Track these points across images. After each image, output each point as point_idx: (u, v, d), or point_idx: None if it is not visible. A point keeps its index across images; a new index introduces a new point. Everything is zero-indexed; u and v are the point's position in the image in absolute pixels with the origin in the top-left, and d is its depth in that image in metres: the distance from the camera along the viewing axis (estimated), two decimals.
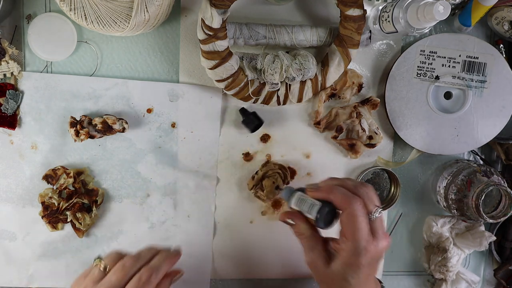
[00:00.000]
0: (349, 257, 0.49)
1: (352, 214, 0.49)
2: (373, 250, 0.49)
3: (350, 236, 0.49)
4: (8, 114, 0.60)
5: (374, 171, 0.67)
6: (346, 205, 0.50)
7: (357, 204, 0.50)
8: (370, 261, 0.50)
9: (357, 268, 0.49)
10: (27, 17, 0.59)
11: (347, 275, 0.50)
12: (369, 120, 0.64)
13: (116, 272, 0.49)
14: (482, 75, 0.64)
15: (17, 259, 0.63)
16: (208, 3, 0.52)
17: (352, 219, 0.49)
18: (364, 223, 0.49)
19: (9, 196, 0.62)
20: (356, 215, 0.49)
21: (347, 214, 0.50)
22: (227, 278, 0.67)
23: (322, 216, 0.51)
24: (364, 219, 0.50)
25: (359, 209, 0.50)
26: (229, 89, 0.59)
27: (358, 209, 0.49)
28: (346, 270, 0.50)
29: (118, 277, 0.48)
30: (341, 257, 0.50)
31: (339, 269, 0.50)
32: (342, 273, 0.50)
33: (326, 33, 0.60)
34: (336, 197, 0.51)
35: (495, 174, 0.62)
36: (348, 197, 0.50)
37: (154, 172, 0.63)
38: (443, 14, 0.50)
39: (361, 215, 0.49)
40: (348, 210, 0.50)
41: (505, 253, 0.70)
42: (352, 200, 0.50)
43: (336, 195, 0.51)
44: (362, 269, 0.49)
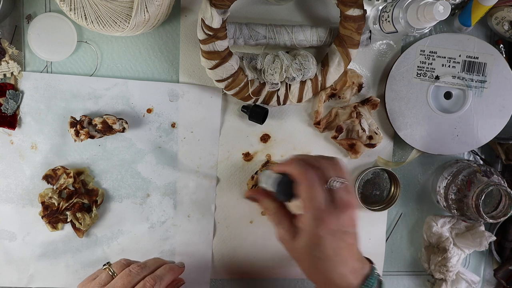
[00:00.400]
0: (309, 229, 0.48)
1: (307, 184, 0.48)
2: (331, 221, 0.48)
3: (305, 207, 0.48)
4: (8, 114, 0.60)
5: (374, 171, 0.67)
6: (301, 176, 0.49)
7: (311, 174, 0.49)
8: (332, 232, 0.48)
9: (318, 240, 0.48)
10: (27, 17, 0.59)
11: (312, 248, 0.48)
12: (369, 120, 0.64)
13: (123, 277, 0.50)
14: (482, 75, 0.64)
15: (17, 259, 0.63)
16: (208, 3, 0.52)
17: (306, 189, 0.48)
18: (318, 192, 0.48)
19: (9, 196, 0.62)
20: (309, 185, 0.48)
21: (301, 185, 0.49)
22: (227, 278, 0.67)
23: (280, 188, 0.51)
24: (318, 189, 0.48)
25: (312, 179, 0.48)
26: (229, 89, 0.59)
27: (311, 179, 0.48)
28: (309, 244, 0.48)
29: (124, 282, 0.50)
30: (303, 230, 0.49)
31: (304, 243, 0.49)
32: (307, 248, 0.49)
33: (326, 33, 0.60)
34: (292, 168, 0.50)
35: (495, 174, 0.62)
36: (303, 168, 0.49)
37: (154, 172, 0.63)
38: (443, 14, 0.50)
39: (315, 185, 0.48)
40: (301, 180, 0.49)
41: (505, 253, 0.70)
42: (307, 171, 0.49)
43: (293, 167, 0.50)
44: (325, 240, 0.48)
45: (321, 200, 0.48)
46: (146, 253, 0.64)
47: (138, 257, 0.64)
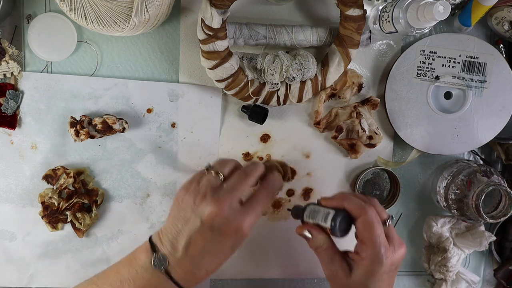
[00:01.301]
0: (370, 265, 0.49)
1: (368, 220, 0.49)
2: (392, 257, 0.50)
3: (369, 243, 0.49)
4: (8, 114, 0.60)
5: (374, 171, 0.67)
6: (361, 212, 0.50)
7: (372, 210, 0.50)
8: (390, 268, 0.50)
9: (379, 276, 0.49)
10: (27, 17, 0.59)
11: (369, 284, 0.50)
12: (369, 120, 0.64)
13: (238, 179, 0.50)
14: (482, 75, 0.64)
15: (17, 259, 0.63)
16: (208, 3, 0.52)
17: (369, 225, 0.49)
18: (380, 229, 0.50)
19: (9, 196, 0.62)
20: (372, 222, 0.49)
21: (363, 221, 0.50)
22: (227, 278, 0.67)
23: (337, 222, 0.50)
24: (380, 226, 0.50)
25: (374, 216, 0.50)
26: (229, 89, 0.59)
27: (373, 216, 0.50)
28: (368, 279, 0.50)
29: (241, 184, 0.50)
30: (362, 266, 0.50)
31: (360, 279, 0.50)
32: (363, 283, 0.50)
33: (326, 33, 0.60)
34: (350, 204, 0.51)
35: (495, 174, 0.62)
36: (362, 204, 0.51)
37: (154, 172, 0.63)
38: (443, 14, 0.50)
39: (377, 221, 0.50)
40: (363, 217, 0.50)
41: (505, 253, 0.70)
42: (366, 207, 0.50)
43: (351, 202, 0.51)
44: (384, 276, 0.50)
45: (384, 238, 0.50)
46: None
47: None
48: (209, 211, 0.47)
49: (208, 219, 0.47)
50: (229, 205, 0.47)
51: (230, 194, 0.48)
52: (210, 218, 0.47)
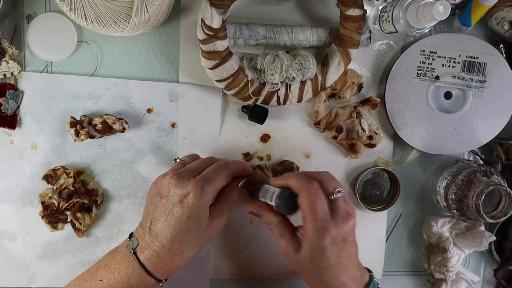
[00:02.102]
0: (312, 239, 0.50)
1: (307, 195, 0.50)
2: (333, 230, 0.49)
3: (308, 218, 0.50)
4: (8, 114, 0.60)
5: (374, 171, 0.67)
6: (301, 188, 0.51)
7: (311, 185, 0.50)
8: (334, 241, 0.50)
9: (321, 250, 0.49)
10: (27, 17, 0.59)
11: (315, 258, 0.50)
12: (369, 120, 0.64)
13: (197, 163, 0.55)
14: (482, 75, 0.64)
15: (17, 259, 0.63)
16: (208, 3, 0.52)
17: (308, 200, 0.50)
18: (319, 203, 0.50)
19: (9, 196, 0.62)
20: (310, 196, 0.50)
21: (302, 197, 0.50)
22: (227, 278, 0.67)
23: (281, 201, 0.52)
24: (320, 200, 0.50)
25: (313, 190, 0.50)
26: (229, 89, 0.59)
27: (312, 190, 0.50)
28: (313, 254, 0.50)
29: (199, 164, 0.54)
30: (306, 241, 0.51)
31: (307, 254, 0.51)
32: (310, 258, 0.50)
33: (326, 33, 0.60)
34: (292, 181, 0.52)
35: (495, 174, 0.62)
36: (303, 180, 0.51)
37: (154, 172, 0.63)
38: (443, 14, 0.50)
39: (317, 196, 0.50)
40: (303, 192, 0.50)
41: (505, 253, 0.70)
42: (307, 183, 0.51)
43: (293, 179, 0.52)
44: (328, 250, 0.49)
45: (323, 211, 0.50)
46: None
47: None
48: (164, 183, 0.51)
49: (165, 191, 0.51)
50: (179, 175, 0.51)
51: (186, 170, 0.52)
52: (164, 189, 0.51)
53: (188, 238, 0.50)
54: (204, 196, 0.50)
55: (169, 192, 0.50)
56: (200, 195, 0.50)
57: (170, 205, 0.50)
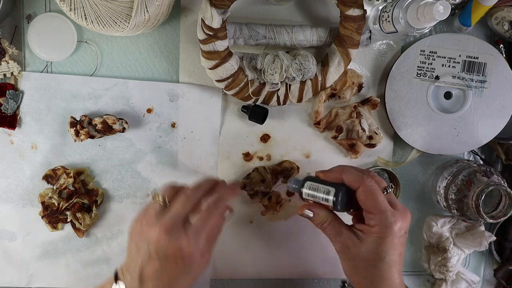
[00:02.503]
0: (381, 231, 0.48)
1: (369, 189, 0.49)
2: (400, 221, 0.49)
3: (375, 210, 0.49)
4: (8, 114, 0.60)
5: (374, 171, 0.67)
6: (360, 183, 0.50)
7: (370, 179, 0.50)
8: (400, 232, 0.49)
9: (390, 242, 0.48)
10: (27, 17, 0.59)
11: (382, 251, 0.49)
12: (369, 120, 0.64)
13: (181, 202, 0.49)
14: (482, 75, 0.64)
15: (17, 259, 0.63)
16: (208, 3, 0.52)
17: (371, 193, 0.49)
18: (382, 196, 0.49)
19: (9, 196, 0.62)
20: (373, 189, 0.49)
21: (363, 191, 0.49)
22: (227, 278, 0.67)
23: (339, 198, 0.50)
24: (381, 193, 0.50)
25: (373, 184, 0.50)
26: (229, 89, 0.59)
27: (373, 184, 0.50)
28: (379, 246, 0.49)
29: (185, 206, 0.49)
30: (372, 233, 0.49)
31: (372, 246, 0.49)
32: (376, 251, 0.49)
33: (326, 33, 0.60)
34: (349, 176, 0.51)
35: (495, 174, 0.62)
36: (360, 175, 0.50)
37: (154, 172, 0.63)
38: (443, 14, 0.50)
39: (378, 189, 0.50)
40: (363, 187, 0.49)
41: (505, 253, 0.70)
42: (365, 177, 0.50)
43: (349, 174, 0.51)
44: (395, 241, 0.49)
45: (387, 205, 0.49)
46: None
47: None
48: (153, 236, 0.47)
49: (153, 244, 0.47)
50: (170, 229, 0.47)
51: (173, 216, 0.48)
52: (154, 242, 0.47)
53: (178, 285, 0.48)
54: (198, 248, 0.48)
55: (160, 246, 0.47)
56: (194, 248, 0.47)
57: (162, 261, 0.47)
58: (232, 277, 0.67)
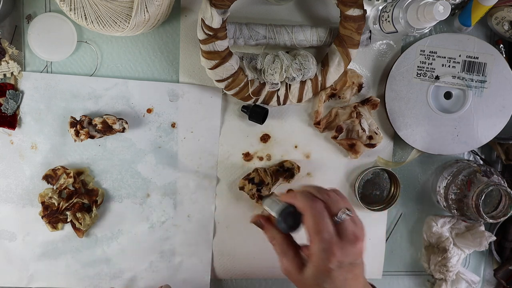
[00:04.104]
0: (317, 261, 0.48)
1: (312, 216, 0.48)
2: (339, 253, 0.47)
3: (313, 239, 0.48)
4: (8, 114, 0.60)
5: (374, 171, 0.67)
6: (307, 207, 0.49)
7: (316, 206, 0.48)
8: (341, 264, 0.47)
9: (327, 273, 0.47)
10: (27, 17, 0.59)
11: (320, 280, 0.48)
12: (369, 120, 0.64)
13: None
14: (482, 75, 0.64)
15: (17, 259, 0.63)
16: (208, 3, 0.52)
17: (313, 221, 0.48)
18: (325, 224, 0.48)
19: (9, 196, 0.62)
20: (316, 217, 0.48)
21: (308, 217, 0.48)
22: (227, 278, 0.67)
23: (283, 217, 0.50)
24: (325, 221, 0.48)
25: (319, 211, 0.48)
26: (229, 89, 0.59)
27: (318, 211, 0.48)
28: (318, 276, 0.48)
29: None
30: (311, 262, 0.49)
31: (311, 275, 0.49)
32: (315, 279, 0.48)
33: (326, 33, 0.60)
34: (297, 200, 0.50)
35: (495, 174, 0.62)
36: (308, 200, 0.49)
37: (154, 172, 0.63)
38: (443, 14, 0.50)
39: (322, 216, 0.48)
40: (308, 212, 0.48)
41: (505, 253, 0.70)
42: (312, 203, 0.49)
43: (298, 199, 0.50)
44: (334, 273, 0.47)
45: (329, 233, 0.48)
46: (146, 253, 0.64)
47: (138, 257, 0.65)
48: None
49: None
50: None
51: None
52: None
53: None
54: None
55: None
56: None
57: None
58: (232, 277, 0.67)
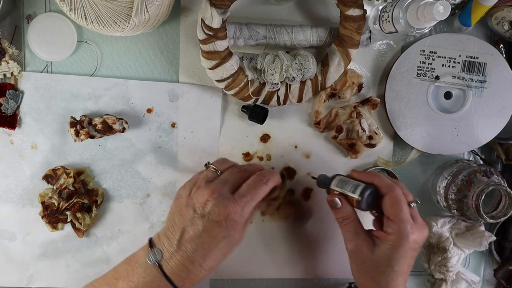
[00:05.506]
0: (396, 240, 0.50)
1: (396, 197, 0.51)
2: (416, 235, 0.51)
3: (396, 219, 0.51)
4: (8, 114, 0.60)
5: (374, 171, 0.67)
6: (390, 189, 0.52)
7: (399, 189, 0.52)
8: (414, 245, 0.51)
9: (403, 251, 0.50)
10: (27, 17, 0.59)
11: (393, 259, 0.51)
12: (369, 120, 0.64)
13: (232, 173, 0.52)
14: (482, 75, 0.64)
15: (17, 259, 0.63)
16: (208, 3, 0.52)
17: (397, 202, 0.51)
18: (407, 207, 0.51)
19: (9, 196, 0.62)
20: (400, 199, 0.51)
21: (391, 198, 0.52)
22: (227, 278, 0.67)
23: (366, 195, 0.52)
24: (406, 204, 0.52)
25: (401, 194, 0.52)
26: (229, 89, 0.59)
27: (400, 194, 0.52)
28: (392, 253, 0.51)
29: (235, 177, 0.51)
30: (388, 241, 0.51)
31: (385, 253, 0.51)
32: (388, 258, 0.51)
33: (326, 33, 0.60)
34: (380, 181, 0.53)
35: (495, 174, 0.62)
36: (391, 183, 0.53)
37: (154, 172, 0.63)
38: (443, 14, 0.50)
39: (404, 200, 0.52)
40: (391, 194, 0.52)
41: (505, 253, 0.70)
42: (395, 186, 0.52)
43: (381, 179, 0.53)
44: (407, 252, 0.51)
45: (408, 217, 0.51)
46: None
47: None
48: (202, 199, 0.48)
49: (199, 207, 0.48)
50: (219, 193, 0.48)
51: (222, 183, 0.50)
52: (201, 205, 0.48)
53: (218, 254, 0.50)
54: (243, 217, 0.49)
55: (207, 209, 0.48)
56: (240, 217, 0.48)
57: (206, 223, 0.48)
58: (232, 277, 0.67)
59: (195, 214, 0.49)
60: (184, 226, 0.49)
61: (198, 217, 0.48)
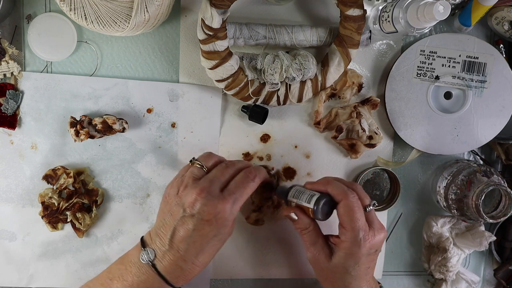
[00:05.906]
0: (350, 248, 0.51)
1: (349, 205, 0.52)
2: (371, 240, 0.52)
3: (348, 227, 0.51)
4: (8, 114, 0.60)
5: (374, 171, 0.67)
6: (343, 197, 0.52)
7: (353, 196, 0.52)
8: (369, 251, 0.52)
9: (357, 259, 0.52)
10: (27, 17, 0.59)
11: (349, 266, 0.52)
12: (369, 120, 0.64)
13: (219, 170, 0.52)
14: (482, 75, 0.64)
15: (17, 259, 0.63)
16: (208, 3, 0.52)
17: (349, 209, 0.51)
18: (360, 214, 0.52)
19: (9, 196, 0.62)
20: (352, 206, 0.52)
21: (344, 205, 0.52)
22: (227, 278, 0.67)
23: (320, 205, 0.52)
24: (360, 210, 0.52)
25: (355, 201, 0.52)
26: (229, 89, 0.59)
27: (354, 201, 0.52)
28: (347, 262, 0.52)
29: (223, 174, 0.51)
30: (342, 249, 0.52)
31: (340, 261, 0.52)
32: (343, 265, 0.52)
33: (326, 33, 0.60)
34: (333, 189, 0.53)
35: (495, 174, 0.62)
36: (344, 190, 0.53)
37: (154, 172, 0.63)
38: (443, 14, 0.50)
39: (357, 206, 0.52)
40: (344, 201, 0.52)
41: (505, 253, 0.70)
42: (348, 192, 0.52)
43: (334, 187, 0.53)
44: (362, 259, 0.52)
45: (363, 222, 0.52)
46: None
47: None
48: (189, 199, 0.49)
49: (189, 206, 0.49)
50: (207, 191, 0.49)
51: (210, 181, 0.50)
52: (190, 205, 0.48)
53: (211, 251, 0.51)
54: (232, 214, 0.50)
55: (196, 209, 0.48)
56: (229, 214, 0.49)
57: (196, 222, 0.48)
58: (232, 277, 0.67)
59: (185, 213, 0.49)
60: (175, 226, 0.49)
61: (188, 216, 0.49)
